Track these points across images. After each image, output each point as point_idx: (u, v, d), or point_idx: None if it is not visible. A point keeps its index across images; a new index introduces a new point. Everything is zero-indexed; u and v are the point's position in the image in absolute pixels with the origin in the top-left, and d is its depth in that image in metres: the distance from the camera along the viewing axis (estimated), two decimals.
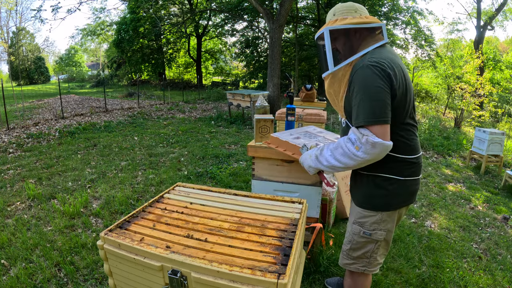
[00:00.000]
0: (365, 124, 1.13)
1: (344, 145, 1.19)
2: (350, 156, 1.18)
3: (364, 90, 1.14)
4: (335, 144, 1.26)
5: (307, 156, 1.38)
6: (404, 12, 13.05)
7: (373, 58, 1.17)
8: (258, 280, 0.70)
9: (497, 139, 4.74)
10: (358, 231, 1.35)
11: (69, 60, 32.18)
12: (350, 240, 1.39)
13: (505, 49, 23.19)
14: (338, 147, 1.23)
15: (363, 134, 1.13)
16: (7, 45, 28.05)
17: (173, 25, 18.51)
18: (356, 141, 1.15)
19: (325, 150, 1.29)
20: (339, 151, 1.22)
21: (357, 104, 1.16)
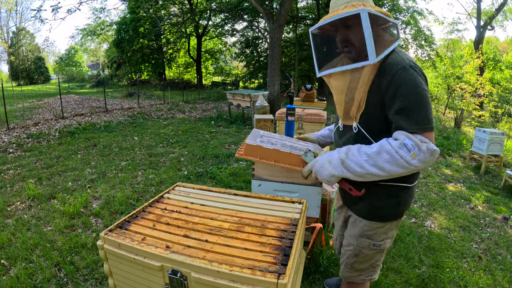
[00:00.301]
0: (421, 130, 1.02)
1: (394, 151, 1.01)
2: (401, 164, 1.01)
3: (415, 93, 1.02)
4: (374, 147, 1.05)
5: (324, 163, 1.11)
6: (404, 12, 13.05)
7: (409, 58, 1.08)
8: (258, 280, 0.70)
9: (497, 139, 4.74)
10: (368, 244, 1.26)
11: (69, 60, 32.18)
12: (357, 254, 1.29)
13: (505, 49, 23.19)
14: (383, 152, 1.03)
15: (421, 141, 1.00)
16: (7, 45, 28.05)
17: (173, 25, 18.51)
18: (413, 148, 1.00)
19: (356, 154, 1.07)
20: (385, 157, 1.02)
21: (407, 108, 1.02)
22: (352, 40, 1.11)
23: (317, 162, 1.15)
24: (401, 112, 1.04)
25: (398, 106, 1.04)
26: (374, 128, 1.15)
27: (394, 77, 1.04)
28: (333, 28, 1.16)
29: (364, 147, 1.08)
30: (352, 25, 1.09)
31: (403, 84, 1.03)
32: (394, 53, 1.09)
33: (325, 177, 1.11)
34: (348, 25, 1.10)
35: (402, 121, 1.03)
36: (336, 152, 1.12)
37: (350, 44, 1.12)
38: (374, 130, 1.15)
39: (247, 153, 1.32)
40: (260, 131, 1.53)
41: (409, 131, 1.02)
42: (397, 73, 1.04)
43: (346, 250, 1.34)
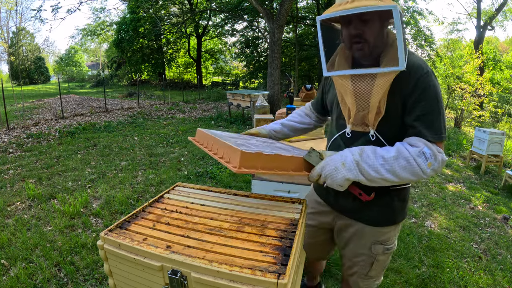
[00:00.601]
0: (438, 140, 0.99)
1: (412, 158, 0.96)
2: (416, 173, 0.97)
3: (437, 101, 0.99)
4: (392, 152, 0.98)
5: (337, 165, 0.98)
6: (404, 12, 13.04)
7: (426, 63, 1.03)
8: (258, 280, 0.70)
9: (497, 139, 4.74)
10: (382, 250, 1.22)
11: (69, 60, 32.18)
12: (372, 262, 1.24)
13: (505, 49, 23.20)
14: (400, 157, 0.96)
15: (438, 151, 0.98)
16: (7, 45, 28.06)
17: (173, 25, 18.51)
18: (431, 157, 0.96)
19: (371, 156, 0.98)
20: (402, 164, 0.96)
21: (429, 115, 0.99)
22: (368, 37, 0.99)
23: (329, 164, 0.99)
24: (422, 118, 1.00)
25: (420, 112, 1.00)
26: (391, 133, 1.08)
27: (419, 81, 1.00)
28: (346, 20, 1.01)
29: (379, 149, 1.00)
30: (373, 20, 0.98)
31: (427, 90, 0.99)
32: (410, 54, 1.04)
33: (339, 181, 0.97)
34: (366, 20, 0.97)
35: (422, 128, 0.99)
36: (349, 153, 0.99)
37: (364, 41, 1.00)
38: (391, 135, 1.09)
39: (245, 165, 0.98)
40: (219, 133, 1.22)
41: (428, 139, 0.99)
42: (422, 77, 1.00)
43: (356, 261, 1.27)
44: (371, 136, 1.09)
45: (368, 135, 1.10)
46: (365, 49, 1.01)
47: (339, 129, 1.19)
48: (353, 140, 1.14)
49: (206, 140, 1.14)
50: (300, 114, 1.49)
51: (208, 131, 1.17)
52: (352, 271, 1.29)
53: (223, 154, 0.98)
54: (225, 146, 0.98)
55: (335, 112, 1.22)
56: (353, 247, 1.25)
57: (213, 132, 1.18)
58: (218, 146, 1.03)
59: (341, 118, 1.17)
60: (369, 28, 0.98)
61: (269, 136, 1.43)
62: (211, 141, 1.09)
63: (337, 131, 1.20)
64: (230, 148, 0.95)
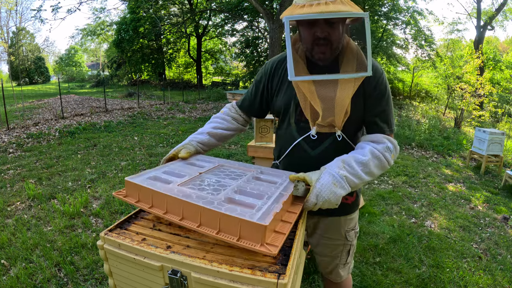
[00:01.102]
0: (392, 132, 1.12)
1: (382, 155, 1.05)
2: (385, 167, 1.07)
3: (390, 98, 1.12)
4: (367, 155, 1.03)
5: (331, 187, 0.94)
6: (404, 12, 13.06)
7: (375, 61, 1.13)
8: (258, 280, 0.70)
9: (497, 139, 4.75)
10: (354, 235, 1.30)
11: (69, 60, 32.20)
12: (349, 249, 1.29)
13: (505, 49, 23.20)
14: (374, 158, 1.03)
15: (395, 143, 1.09)
16: (7, 45, 28.06)
17: (173, 25, 18.52)
18: (393, 149, 1.08)
19: (353, 165, 1.00)
20: (374, 163, 1.03)
21: (386, 111, 1.11)
22: (333, 40, 1.02)
23: (323, 190, 0.93)
24: (381, 115, 1.11)
25: (380, 109, 1.10)
26: (352, 131, 1.16)
27: (379, 81, 1.09)
28: (311, 22, 1.00)
29: (356, 156, 1.03)
30: (338, 24, 1.00)
31: (384, 89, 1.10)
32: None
33: (336, 201, 0.96)
34: (333, 23, 0.99)
35: (382, 124, 1.11)
36: (336, 168, 0.97)
37: (328, 43, 1.02)
38: (352, 133, 1.17)
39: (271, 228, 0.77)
40: (151, 174, 0.97)
41: (386, 133, 1.10)
42: (381, 78, 1.10)
43: (335, 254, 1.29)
44: (337, 136, 1.13)
45: (334, 135, 1.13)
46: (327, 52, 1.04)
47: (301, 133, 1.16)
48: (319, 142, 1.14)
49: (149, 196, 0.85)
50: (225, 119, 1.33)
51: (143, 180, 0.91)
52: (332, 266, 1.32)
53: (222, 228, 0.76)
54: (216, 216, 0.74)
55: (293, 115, 1.17)
56: (329, 242, 1.28)
57: (146, 179, 0.93)
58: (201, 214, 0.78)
59: (302, 121, 1.15)
60: (334, 31, 1.01)
61: (197, 151, 1.23)
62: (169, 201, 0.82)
63: (299, 135, 1.16)
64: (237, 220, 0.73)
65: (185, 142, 1.23)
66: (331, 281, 1.38)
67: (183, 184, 0.90)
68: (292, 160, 1.21)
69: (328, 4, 0.94)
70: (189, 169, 1.04)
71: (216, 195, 0.85)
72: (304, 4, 0.97)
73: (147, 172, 0.98)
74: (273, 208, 0.80)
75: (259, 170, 1.09)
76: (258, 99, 1.28)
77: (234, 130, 1.34)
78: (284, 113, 1.20)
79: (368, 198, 3.54)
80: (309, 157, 1.16)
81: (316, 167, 1.09)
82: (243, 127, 1.37)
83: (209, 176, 1.00)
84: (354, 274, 2.17)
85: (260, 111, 1.32)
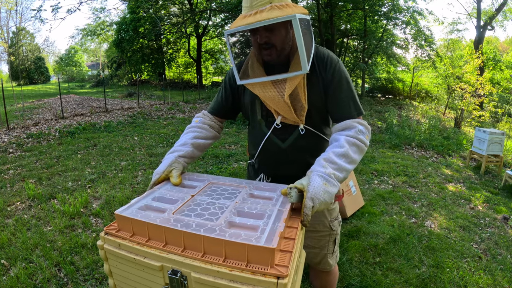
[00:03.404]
0: (360, 114, 1.15)
1: (357, 140, 1.06)
2: (363, 150, 1.09)
3: (350, 83, 1.16)
4: (345, 145, 1.04)
5: (323, 187, 0.94)
6: (404, 12, 13.03)
7: (330, 51, 1.19)
8: (258, 280, 0.70)
9: (497, 139, 4.75)
10: (338, 223, 1.35)
11: (69, 60, 32.20)
12: (335, 238, 1.35)
13: (505, 49, 23.20)
14: (351, 146, 1.04)
15: (366, 124, 1.12)
16: (7, 45, 28.06)
17: (173, 25, 18.51)
18: (366, 131, 1.10)
19: (336, 161, 1.01)
20: (353, 150, 1.05)
21: (349, 96, 1.14)
22: (275, 43, 1.07)
23: (317, 192, 0.92)
24: (345, 99, 1.14)
25: (341, 96, 1.14)
26: (318, 122, 1.20)
27: (335, 70, 1.13)
28: (252, 30, 1.07)
29: (335, 150, 1.03)
30: (277, 28, 1.05)
31: (343, 76, 1.14)
32: (318, 48, 1.16)
33: (330, 200, 0.96)
34: (271, 28, 1.05)
35: (347, 109, 1.13)
36: (321, 168, 0.98)
37: (272, 46, 1.08)
38: (318, 123, 1.21)
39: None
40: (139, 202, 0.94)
41: (354, 117, 1.12)
42: (337, 66, 1.14)
43: (322, 245, 1.34)
44: (300, 130, 1.18)
45: (298, 129, 1.18)
46: (273, 54, 1.10)
47: (269, 126, 1.21)
48: (288, 134, 1.19)
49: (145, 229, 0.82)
50: (203, 128, 1.30)
51: (134, 212, 0.87)
52: (321, 256, 1.36)
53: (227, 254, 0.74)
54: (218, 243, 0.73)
55: (259, 111, 1.22)
56: (315, 234, 1.33)
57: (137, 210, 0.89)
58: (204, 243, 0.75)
59: (269, 116, 1.21)
60: (274, 35, 1.06)
61: (184, 168, 1.18)
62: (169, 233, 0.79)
63: (268, 129, 1.22)
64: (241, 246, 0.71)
65: (171, 160, 1.14)
66: (321, 271, 1.42)
67: (178, 212, 0.88)
68: (265, 156, 1.26)
69: (262, 13, 1.01)
70: (179, 192, 1.02)
71: (215, 220, 0.83)
72: (245, 15, 1.05)
73: (136, 201, 0.94)
74: (277, 228, 0.79)
75: (251, 186, 1.08)
76: (229, 101, 1.32)
77: (212, 138, 1.32)
78: (251, 110, 1.26)
79: (368, 198, 3.54)
80: (281, 150, 1.22)
81: (289, 159, 1.21)
82: (218, 135, 1.37)
83: (203, 198, 0.97)
84: (354, 274, 2.17)
85: (233, 112, 1.36)
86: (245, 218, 0.85)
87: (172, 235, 0.79)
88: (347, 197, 2.99)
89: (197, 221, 0.82)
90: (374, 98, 14.87)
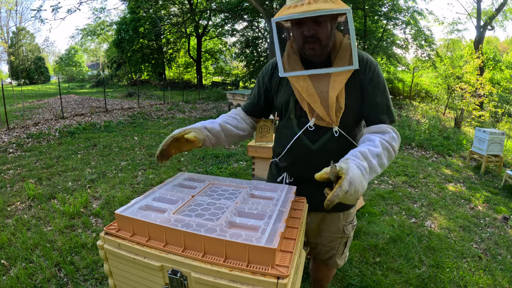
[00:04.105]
0: (394, 122, 1.14)
1: (390, 146, 1.06)
2: (392, 157, 1.08)
3: (387, 89, 1.15)
4: (379, 147, 1.02)
5: (360, 177, 0.90)
6: (404, 12, 13.03)
7: (369, 55, 1.18)
8: (258, 280, 0.70)
9: (497, 139, 4.74)
10: (352, 228, 1.35)
11: (69, 60, 32.18)
12: (346, 242, 1.36)
13: (505, 49, 23.20)
14: (384, 150, 1.04)
15: (397, 131, 1.11)
16: (7, 45, 28.05)
17: (173, 25, 18.51)
18: (397, 138, 1.10)
19: (372, 160, 0.99)
20: (385, 154, 1.04)
21: (385, 102, 1.13)
22: (321, 37, 1.04)
23: (354, 180, 0.88)
24: (380, 105, 1.12)
25: (377, 100, 1.12)
26: (351, 125, 1.17)
27: (374, 74, 1.12)
28: (299, 22, 1.04)
29: (371, 148, 1.01)
30: (325, 21, 1.02)
31: (381, 81, 1.13)
32: (360, 50, 1.13)
33: (362, 192, 0.92)
34: (319, 21, 1.02)
35: (382, 114, 1.11)
36: (358, 162, 0.94)
37: (317, 40, 1.04)
38: (351, 127, 1.18)
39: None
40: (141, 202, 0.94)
41: (387, 123, 1.11)
42: (376, 70, 1.12)
43: (332, 245, 1.35)
44: (334, 132, 1.13)
45: (332, 131, 1.14)
46: (317, 48, 1.06)
47: (301, 126, 1.17)
48: (319, 136, 1.15)
49: (145, 229, 0.82)
50: (236, 118, 1.30)
51: (135, 212, 0.87)
52: (330, 255, 1.38)
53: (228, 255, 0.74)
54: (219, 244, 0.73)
55: (293, 110, 1.19)
56: (328, 234, 1.33)
57: (138, 210, 0.88)
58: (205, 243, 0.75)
59: (302, 116, 1.17)
60: (321, 29, 1.03)
61: (204, 143, 1.16)
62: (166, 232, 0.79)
63: (299, 129, 1.17)
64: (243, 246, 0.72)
65: (196, 125, 1.14)
66: (327, 266, 1.44)
67: (178, 212, 0.88)
68: (293, 155, 1.21)
69: (311, 4, 0.98)
70: (180, 192, 1.02)
71: (216, 220, 0.83)
72: (291, 5, 1.02)
73: (136, 201, 0.94)
74: (278, 228, 0.79)
75: (251, 186, 1.07)
76: (262, 100, 1.30)
77: (243, 130, 1.31)
78: (284, 109, 1.22)
79: (368, 198, 3.54)
80: (310, 151, 1.17)
81: (317, 161, 1.12)
82: (251, 130, 1.36)
83: (203, 198, 0.97)
84: (354, 274, 2.17)
85: (264, 111, 1.36)
86: (246, 218, 0.85)
87: (172, 235, 0.79)
88: None
89: (198, 221, 0.82)
90: None
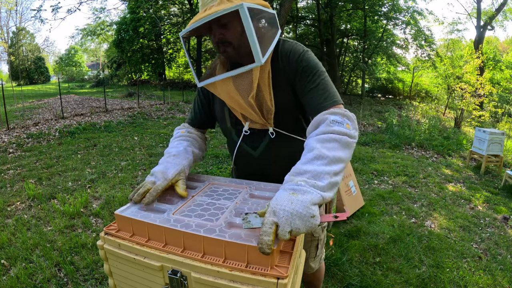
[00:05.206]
0: (336, 104, 0.96)
1: (332, 134, 0.87)
2: (347, 142, 0.87)
3: (322, 72, 1.01)
4: (311, 149, 0.85)
5: (288, 197, 0.75)
6: (404, 12, 13.04)
7: (302, 45, 1.06)
8: (258, 280, 0.70)
9: (497, 139, 4.74)
10: (320, 230, 1.30)
11: (69, 60, 32.19)
12: (317, 244, 1.32)
13: (505, 49, 23.20)
14: (324, 142, 0.85)
15: (343, 110, 0.94)
16: (7, 45, 28.05)
17: (173, 25, 18.52)
18: (341, 119, 0.90)
19: (309, 168, 0.81)
20: (329, 146, 0.84)
21: (321, 83, 0.99)
22: (230, 39, 0.97)
23: (278, 204, 0.74)
24: (313, 91, 0.99)
25: (308, 87, 1.00)
26: (290, 124, 1.08)
27: (299, 61, 1.00)
28: (206, 28, 0.99)
29: (303, 158, 0.86)
30: (230, 22, 0.95)
31: (311, 65, 1.00)
32: (284, 43, 1.05)
33: (307, 210, 0.72)
34: (224, 24, 0.96)
35: (316, 101, 0.98)
36: (285, 186, 0.79)
37: (228, 43, 0.98)
38: (290, 126, 1.08)
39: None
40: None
41: (326, 108, 0.95)
42: (300, 56, 1.01)
43: (305, 249, 1.29)
44: (270, 134, 1.07)
45: (268, 133, 1.08)
46: (230, 51, 1.00)
47: (239, 134, 1.12)
48: (258, 142, 1.09)
49: (145, 229, 0.81)
50: (194, 139, 1.21)
51: (134, 212, 0.87)
52: (309, 257, 1.35)
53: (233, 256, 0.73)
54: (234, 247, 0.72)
55: (228, 119, 1.14)
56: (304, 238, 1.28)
57: (137, 210, 0.88)
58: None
59: (238, 124, 1.12)
60: (229, 31, 0.97)
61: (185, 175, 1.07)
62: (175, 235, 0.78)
63: (238, 137, 1.12)
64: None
65: (180, 169, 1.03)
66: (304, 272, 1.39)
67: (178, 212, 0.87)
68: (241, 163, 1.21)
69: (211, 8, 0.92)
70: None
71: (215, 221, 0.83)
72: (197, 15, 0.97)
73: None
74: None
75: (251, 186, 1.07)
76: (206, 111, 1.24)
77: (203, 150, 1.24)
78: (221, 119, 1.19)
79: (368, 198, 3.54)
80: (253, 158, 1.14)
81: (263, 167, 1.10)
82: (205, 146, 1.30)
83: (203, 198, 0.97)
84: (354, 274, 2.17)
85: (211, 121, 1.28)
86: None
87: (172, 236, 0.79)
88: (347, 197, 2.99)
89: (197, 221, 0.82)
90: (374, 98, 14.87)
